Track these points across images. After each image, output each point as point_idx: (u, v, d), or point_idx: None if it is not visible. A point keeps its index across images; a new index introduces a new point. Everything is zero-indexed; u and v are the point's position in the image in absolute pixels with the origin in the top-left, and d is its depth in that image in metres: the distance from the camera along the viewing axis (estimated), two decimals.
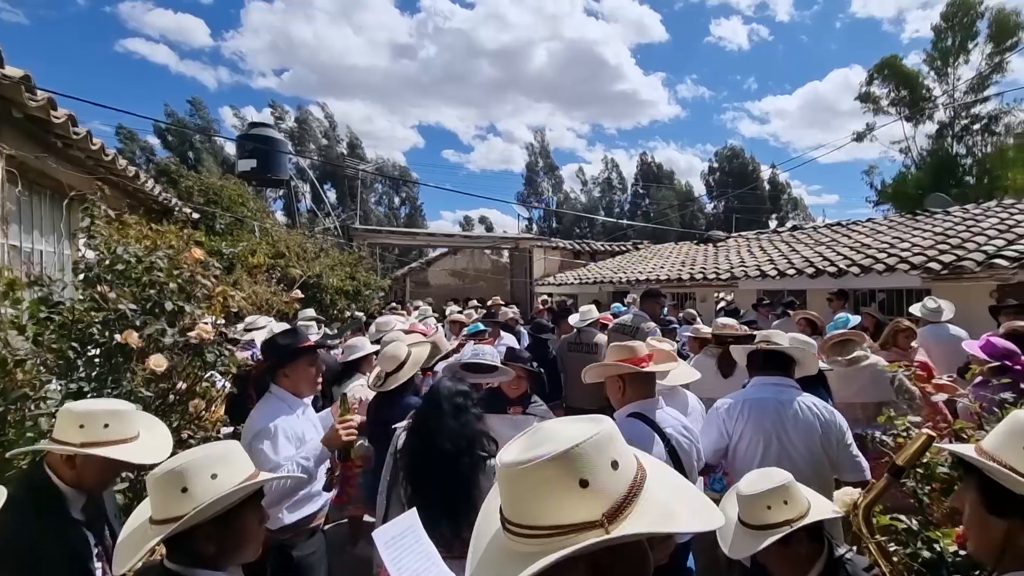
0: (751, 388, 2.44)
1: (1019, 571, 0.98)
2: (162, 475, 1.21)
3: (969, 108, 19.45)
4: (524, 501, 0.73)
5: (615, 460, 0.73)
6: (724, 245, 13.51)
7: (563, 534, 0.69)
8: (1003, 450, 1.02)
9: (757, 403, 2.31)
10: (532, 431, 0.81)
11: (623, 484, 0.72)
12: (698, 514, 0.75)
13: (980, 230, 7.64)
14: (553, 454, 0.71)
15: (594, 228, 44.89)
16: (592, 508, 0.70)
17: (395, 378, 2.89)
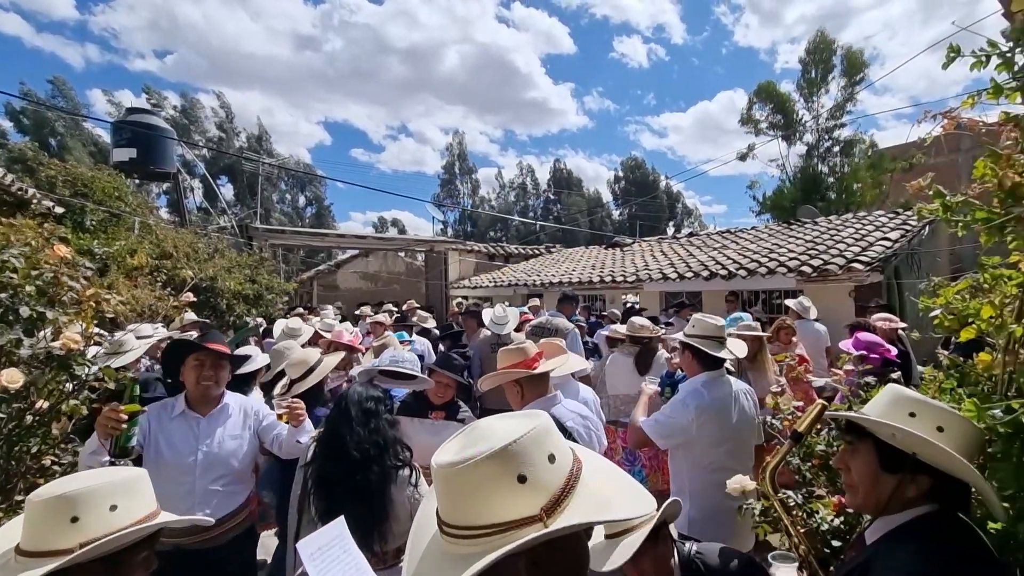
0: (714, 384, 2.46)
1: (895, 514, 1.13)
2: (49, 499, 0.99)
3: (830, 132, 22.46)
4: (462, 501, 0.71)
5: (552, 454, 0.73)
6: (630, 249, 14.31)
7: (502, 531, 0.68)
8: (887, 417, 1.17)
9: (720, 399, 2.40)
10: (468, 430, 0.79)
11: (560, 477, 0.72)
12: (633, 500, 0.77)
13: (840, 238, 8.79)
14: (490, 451, 0.69)
15: (508, 232, 45.54)
16: (531, 503, 0.69)
17: (300, 386, 2.73)
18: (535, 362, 2.30)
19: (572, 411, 2.34)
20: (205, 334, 2.87)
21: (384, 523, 1.86)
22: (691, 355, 2.50)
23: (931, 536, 1.07)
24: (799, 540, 1.20)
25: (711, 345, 2.37)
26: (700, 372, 2.47)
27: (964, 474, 1.05)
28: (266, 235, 13.36)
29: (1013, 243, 1.31)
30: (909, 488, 1.09)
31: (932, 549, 1.03)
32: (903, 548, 1.06)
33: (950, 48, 1.26)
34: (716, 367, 2.44)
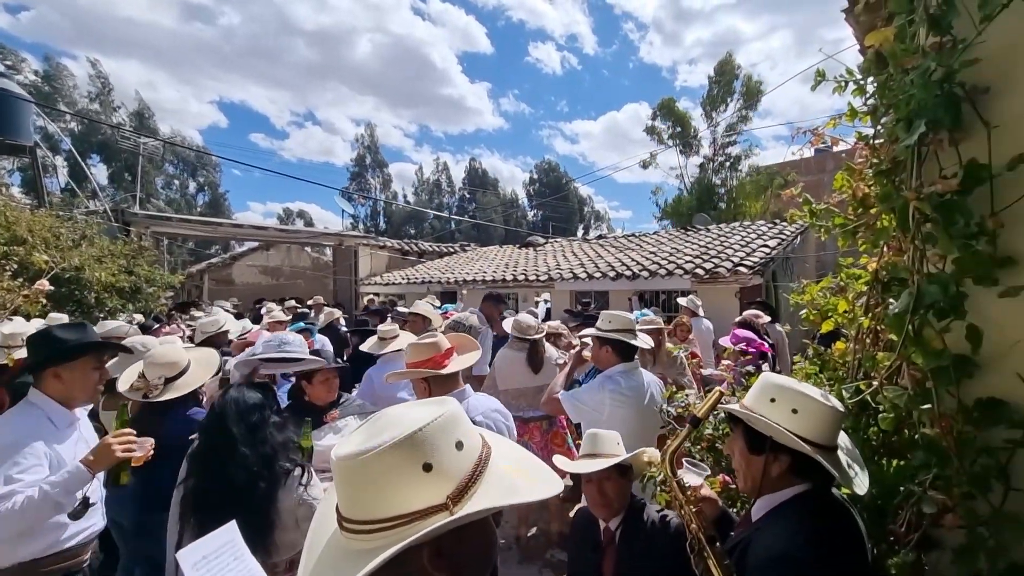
0: (626, 374, 2.62)
1: (773, 493, 1.26)
2: None
3: (724, 148, 24.75)
4: (364, 493, 0.68)
5: (459, 440, 0.72)
6: (542, 249, 14.68)
7: (407, 522, 0.66)
8: (755, 404, 1.30)
9: (634, 389, 2.57)
10: (373, 419, 0.76)
11: (468, 463, 0.72)
12: (541, 482, 0.78)
13: (729, 244, 9.68)
14: (395, 440, 0.67)
15: (422, 229, 44.77)
16: (437, 491, 0.68)
17: (174, 386, 2.39)
18: (445, 358, 2.28)
19: (483, 405, 2.35)
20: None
21: (270, 535, 1.73)
22: (609, 348, 2.63)
23: (803, 514, 1.19)
24: (690, 519, 1.31)
25: (626, 337, 2.53)
26: (616, 364, 2.62)
27: (804, 450, 1.17)
28: (147, 222, 11.95)
29: (863, 245, 1.52)
30: (773, 467, 1.21)
31: (802, 527, 1.15)
32: (778, 527, 1.18)
33: (817, 72, 1.44)
34: (630, 359, 2.59)
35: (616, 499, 1.90)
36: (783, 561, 1.08)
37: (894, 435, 1.46)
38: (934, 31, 1.28)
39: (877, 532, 1.38)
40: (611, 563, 1.90)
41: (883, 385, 1.37)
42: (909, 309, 1.26)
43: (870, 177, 1.43)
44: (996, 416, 1.24)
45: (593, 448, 1.98)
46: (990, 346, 1.27)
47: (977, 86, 1.29)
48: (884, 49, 1.36)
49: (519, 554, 4.00)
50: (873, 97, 1.43)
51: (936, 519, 1.25)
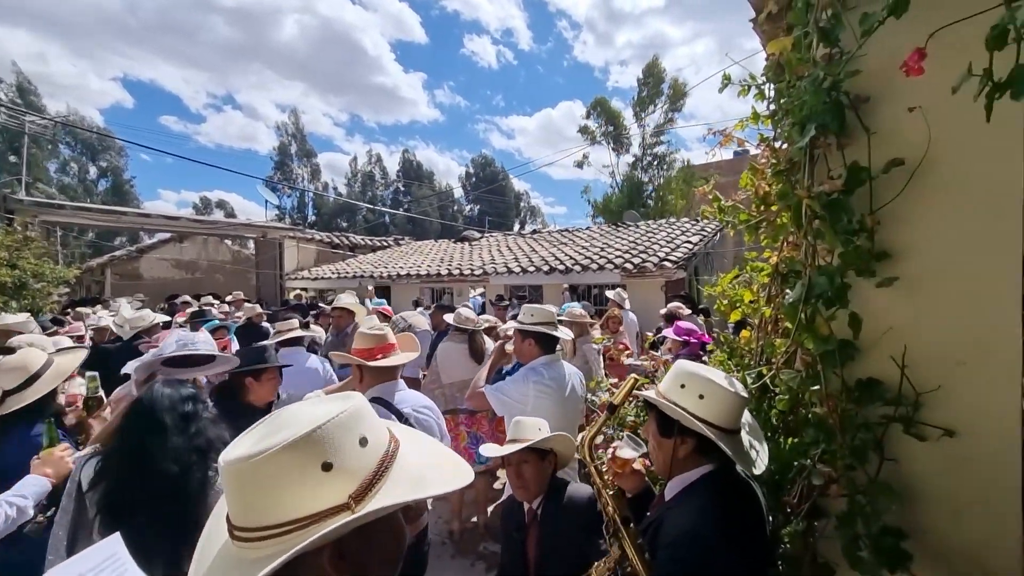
0: (549, 365, 2.68)
1: (683, 473, 1.33)
2: None
3: (652, 148, 25.86)
4: (258, 499, 0.64)
5: (363, 437, 0.70)
6: (478, 244, 14.67)
7: (304, 526, 0.62)
8: (668, 390, 1.36)
9: (557, 380, 2.63)
10: (270, 419, 0.71)
11: (372, 460, 0.69)
12: (450, 474, 0.77)
13: (655, 240, 10.14)
14: (291, 440, 0.63)
15: (355, 222, 43.26)
16: (338, 490, 0.65)
17: (20, 397, 2.05)
18: (384, 350, 2.34)
19: (412, 399, 2.36)
20: None
21: (196, 536, 1.62)
22: (531, 341, 2.68)
23: (709, 493, 1.27)
24: (607, 501, 1.35)
25: (548, 329, 2.58)
26: (539, 356, 2.67)
27: (705, 433, 1.24)
28: (34, 209, 10.67)
29: (765, 240, 1.64)
30: (681, 449, 1.28)
31: (708, 506, 1.22)
32: (687, 506, 1.25)
33: (724, 76, 1.53)
34: (552, 351, 2.65)
35: (532, 481, 1.96)
36: (690, 537, 1.14)
37: (791, 415, 1.59)
38: (824, 43, 1.39)
39: (775, 504, 1.50)
40: (534, 542, 1.96)
41: (780, 369, 1.49)
42: (801, 299, 1.37)
43: (770, 177, 1.54)
44: (873, 395, 1.38)
45: (515, 434, 2.03)
46: (869, 332, 1.41)
47: (860, 95, 1.42)
48: (782, 58, 1.46)
49: (452, 548, 3.99)
50: (774, 102, 1.54)
51: (823, 490, 1.37)
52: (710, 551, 1.11)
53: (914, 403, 1.37)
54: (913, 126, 1.36)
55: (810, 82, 1.33)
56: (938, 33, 1.24)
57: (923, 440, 1.37)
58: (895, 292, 1.38)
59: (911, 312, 1.40)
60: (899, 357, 1.38)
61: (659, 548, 1.20)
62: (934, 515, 1.39)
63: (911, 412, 1.37)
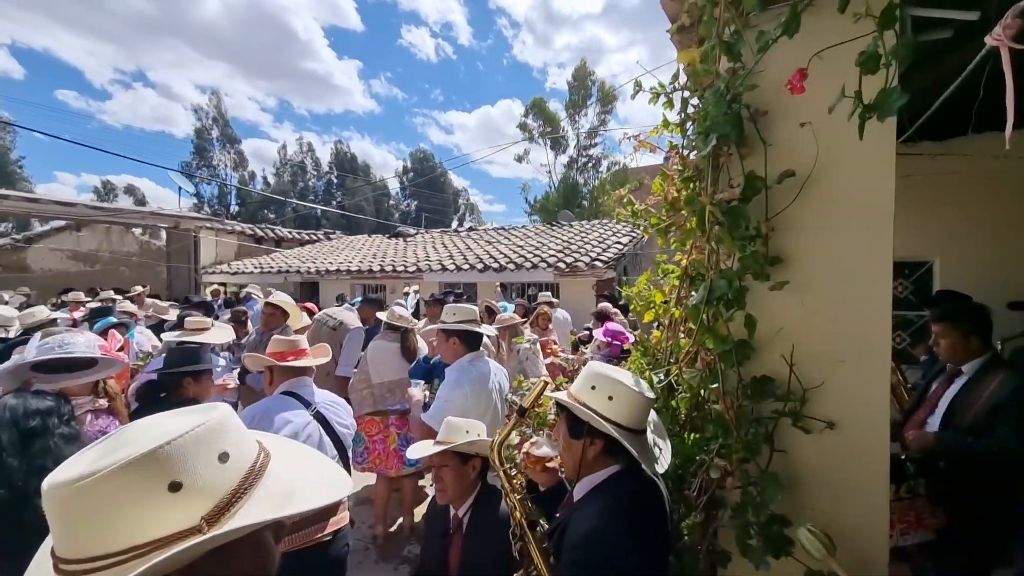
0: (477, 363, 2.71)
1: (591, 474, 1.34)
2: None
3: (586, 149, 26.57)
4: (89, 526, 0.56)
5: (224, 452, 0.63)
6: (412, 240, 14.39)
7: (143, 554, 0.55)
8: (579, 391, 1.38)
9: (484, 375, 2.68)
10: (114, 435, 0.63)
11: (233, 476, 0.63)
12: (323, 487, 0.72)
13: (588, 240, 10.40)
14: (129, 459, 0.56)
15: (283, 214, 41.06)
16: (189, 512, 0.58)
17: None
18: (295, 354, 2.35)
19: (322, 395, 2.36)
20: None
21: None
22: (456, 340, 2.68)
23: (615, 492, 1.29)
24: (514, 504, 1.35)
25: (472, 326, 2.59)
26: (464, 354, 2.68)
27: (612, 434, 1.26)
28: None
29: (674, 244, 1.70)
30: (590, 450, 1.30)
31: (613, 505, 1.24)
32: (593, 506, 1.26)
33: (636, 82, 1.57)
34: (476, 348, 2.65)
35: (451, 485, 1.93)
36: (594, 537, 1.16)
37: (695, 411, 1.66)
38: (728, 57, 1.46)
39: (678, 498, 1.56)
40: (457, 549, 1.92)
41: (683, 368, 1.55)
42: (703, 300, 1.43)
43: (679, 183, 1.60)
44: (766, 391, 1.47)
45: (443, 436, 1.99)
46: (763, 332, 1.50)
47: (759, 109, 1.50)
48: (688, 69, 1.51)
49: (376, 553, 3.87)
50: (682, 111, 1.60)
51: (720, 482, 1.44)
52: (613, 550, 1.13)
53: (801, 398, 1.48)
54: (804, 141, 1.45)
55: (712, 93, 1.39)
56: (828, 56, 1.34)
57: (808, 433, 1.47)
58: (786, 295, 1.48)
59: (800, 314, 1.51)
60: (789, 356, 1.49)
61: (564, 549, 1.21)
62: (816, 502, 1.50)
63: (798, 407, 1.47)
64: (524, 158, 23.15)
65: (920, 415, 2.48)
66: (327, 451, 2.18)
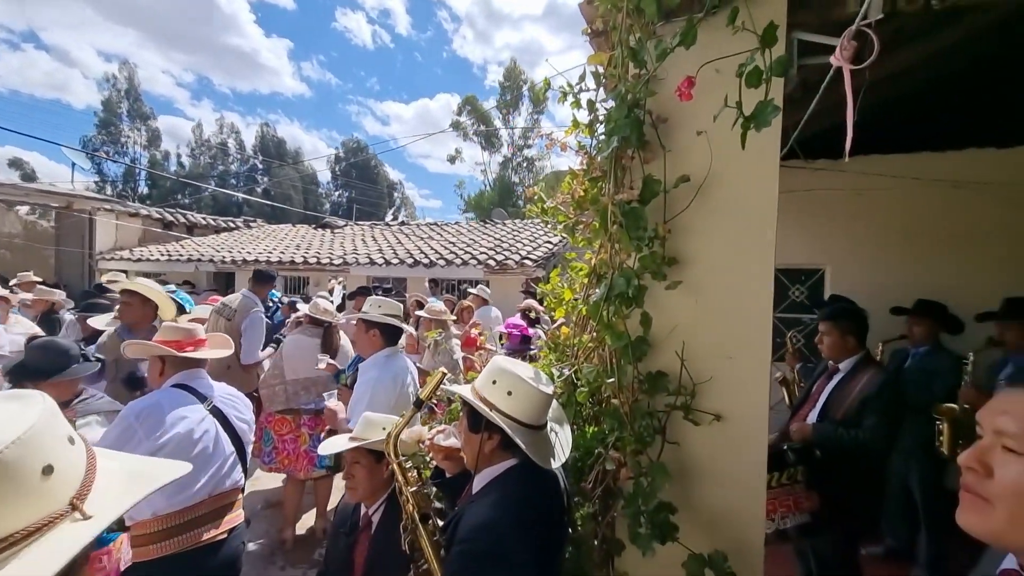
0: (394, 359, 2.67)
1: (489, 467, 1.34)
2: None
3: (521, 149, 26.88)
4: None
5: (71, 436, 0.57)
6: (340, 232, 13.86)
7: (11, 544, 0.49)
8: (481, 385, 1.37)
9: (400, 370, 2.63)
10: None
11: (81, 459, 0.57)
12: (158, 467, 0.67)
13: (519, 239, 10.50)
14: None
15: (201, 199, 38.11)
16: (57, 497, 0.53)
17: None
18: (189, 346, 2.18)
19: (217, 388, 2.23)
20: None
21: None
22: (376, 332, 2.62)
23: (510, 485, 1.29)
24: (408, 497, 1.32)
25: (395, 321, 2.55)
26: (382, 348, 2.63)
27: (505, 429, 1.25)
28: None
29: (581, 242, 1.74)
30: (487, 444, 1.30)
31: (505, 497, 1.24)
32: (487, 498, 1.26)
33: (545, 81, 1.59)
34: (395, 343, 2.61)
35: (363, 483, 1.87)
36: (483, 530, 1.15)
37: (597, 406, 1.71)
38: (633, 63, 1.51)
39: (577, 490, 1.59)
40: (363, 547, 1.86)
41: (583, 364, 1.59)
42: (604, 298, 1.48)
43: (586, 183, 1.64)
44: (660, 386, 1.54)
45: (358, 432, 1.93)
46: (659, 329, 1.57)
47: (660, 115, 1.57)
48: (596, 73, 1.55)
49: (283, 559, 3.68)
50: (590, 112, 1.64)
51: (615, 474, 1.49)
52: (502, 543, 1.13)
53: (692, 392, 1.56)
54: (700, 148, 1.53)
55: (615, 96, 1.44)
56: (723, 69, 1.42)
57: (697, 425, 1.56)
58: (680, 294, 1.56)
59: (693, 312, 1.59)
60: (681, 352, 1.56)
61: (454, 543, 1.19)
62: (702, 489, 1.59)
63: (689, 400, 1.56)
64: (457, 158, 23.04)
65: (805, 409, 2.71)
66: (224, 448, 2.06)
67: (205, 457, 1.95)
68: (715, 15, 1.43)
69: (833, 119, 2.63)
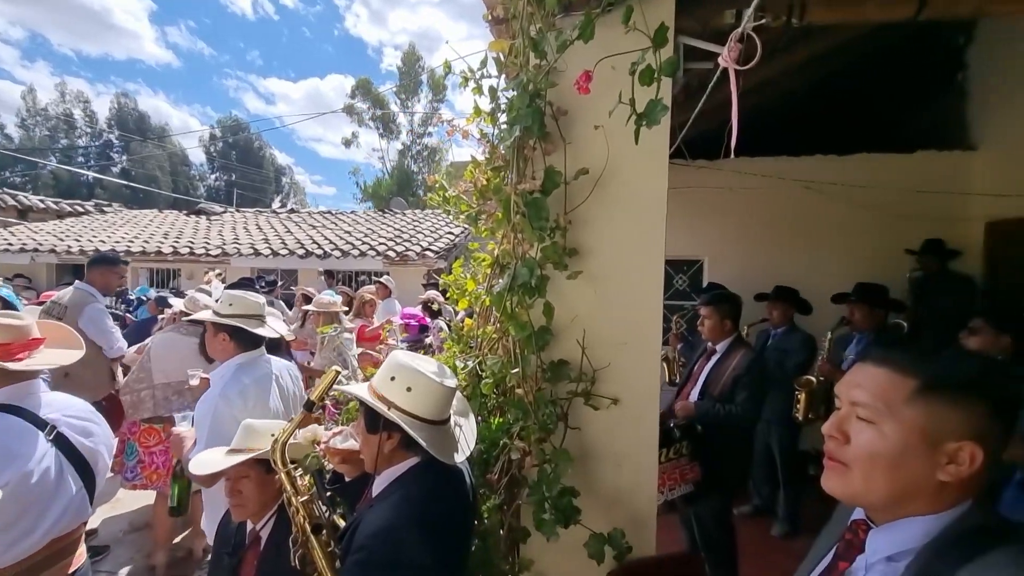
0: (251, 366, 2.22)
1: (390, 468, 1.27)
2: None
3: (421, 137, 26.21)
4: None
5: None
6: (218, 219, 12.56)
7: None
8: (379, 383, 1.29)
9: (261, 380, 2.20)
10: None
11: None
12: None
13: (420, 230, 10.27)
14: None
15: (39, 179, 32.39)
16: None
17: None
18: (24, 350, 1.72)
19: (62, 403, 1.81)
20: None
21: None
22: (225, 336, 2.17)
23: (412, 485, 1.23)
24: (297, 508, 1.22)
25: (252, 324, 2.17)
26: (235, 354, 2.18)
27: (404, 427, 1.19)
28: None
29: (484, 232, 1.72)
30: (387, 444, 1.23)
31: (407, 499, 1.18)
32: (387, 501, 1.19)
33: (445, 64, 1.54)
34: (256, 347, 2.24)
35: (254, 499, 1.67)
36: (382, 535, 1.09)
37: (502, 396, 1.71)
38: (534, 53, 1.51)
39: (483, 483, 1.58)
40: (250, 567, 1.68)
41: (486, 355, 1.58)
42: (507, 288, 1.47)
43: (488, 171, 1.62)
44: (562, 374, 1.58)
45: (241, 442, 1.71)
46: (561, 319, 1.60)
47: (561, 108, 1.58)
48: (497, 59, 1.53)
49: None
50: (492, 101, 1.61)
51: (520, 463, 1.50)
52: (400, 547, 1.08)
53: (592, 379, 1.62)
54: (598, 142, 1.58)
55: (517, 84, 1.42)
56: (620, 66, 1.46)
57: (597, 409, 1.62)
58: (581, 284, 1.60)
59: (592, 301, 1.65)
60: (582, 340, 1.61)
61: (352, 549, 1.12)
62: (602, 471, 1.66)
63: (590, 387, 1.61)
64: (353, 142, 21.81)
65: (687, 388, 2.96)
66: (69, 486, 1.66)
67: (44, 503, 1.59)
68: (611, 12, 1.47)
69: (711, 122, 2.88)
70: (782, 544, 3.49)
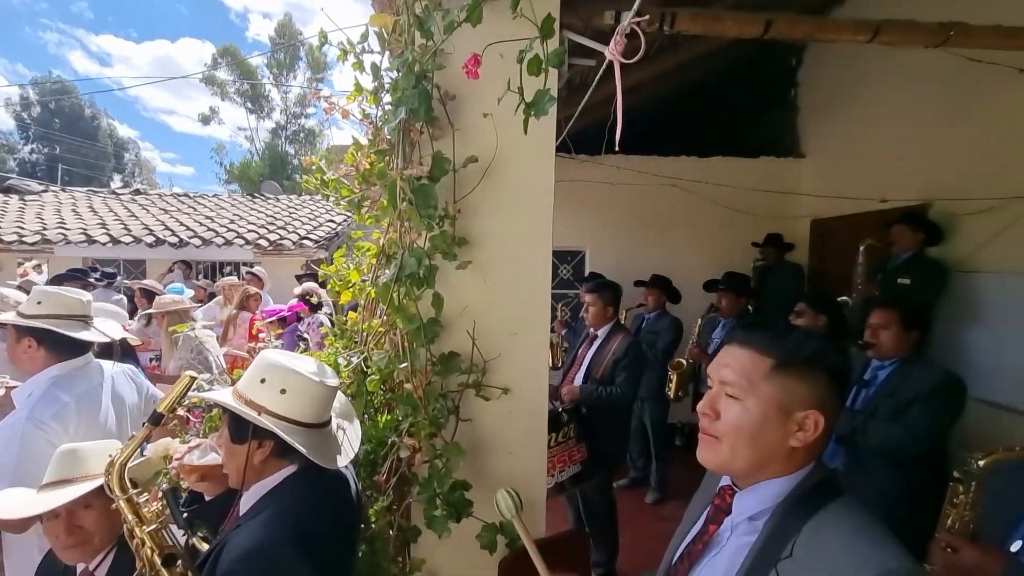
0: (72, 380, 1.83)
1: (261, 480, 1.14)
2: None
3: (298, 118, 24.19)
4: None
5: None
6: (36, 200, 10.48)
7: None
8: (247, 386, 1.15)
9: (86, 395, 1.83)
10: None
11: None
12: None
13: (297, 216, 9.51)
14: None
15: None
16: None
17: None
18: None
19: None
20: None
21: None
22: (33, 343, 1.78)
23: (286, 498, 1.10)
24: (143, 540, 1.05)
25: (70, 326, 1.80)
26: (50, 364, 1.80)
27: (278, 433, 1.08)
28: None
29: (368, 219, 1.61)
30: (257, 455, 1.10)
31: (278, 513, 1.06)
32: (257, 519, 1.05)
33: (321, 33, 1.41)
34: (79, 353, 1.87)
35: (100, 532, 1.40)
36: (255, 555, 0.98)
37: (389, 392, 1.62)
38: (419, 32, 1.43)
39: (370, 485, 1.50)
40: None
41: (371, 350, 1.50)
42: (394, 279, 1.39)
43: (371, 155, 1.51)
44: (453, 366, 1.54)
45: (64, 472, 1.41)
46: (451, 310, 1.56)
47: (448, 92, 1.53)
48: (379, 34, 1.43)
49: None
50: (375, 79, 1.51)
51: (410, 460, 1.45)
52: (273, 567, 0.97)
53: (483, 370, 1.60)
54: (487, 130, 1.55)
55: (401, 63, 1.34)
56: (508, 54, 1.44)
57: (488, 400, 1.61)
58: (470, 274, 1.57)
59: (482, 292, 1.63)
60: (472, 331, 1.59)
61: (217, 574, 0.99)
62: (494, 461, 1.66)
63: (481, 378, 1.60)
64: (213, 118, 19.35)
65: (572, 372, 3.10)
66: None
67: None
68: None
69: (591, 119, 3.02)
70: (654, 510, 3.83)
